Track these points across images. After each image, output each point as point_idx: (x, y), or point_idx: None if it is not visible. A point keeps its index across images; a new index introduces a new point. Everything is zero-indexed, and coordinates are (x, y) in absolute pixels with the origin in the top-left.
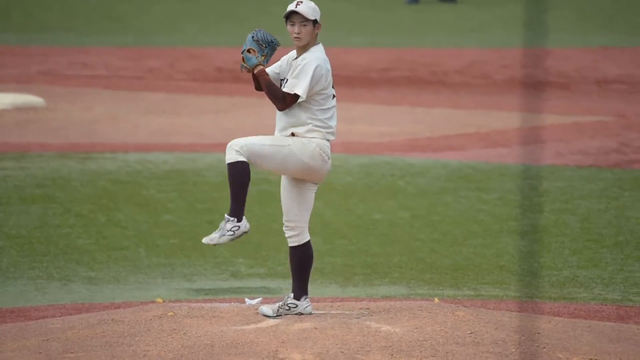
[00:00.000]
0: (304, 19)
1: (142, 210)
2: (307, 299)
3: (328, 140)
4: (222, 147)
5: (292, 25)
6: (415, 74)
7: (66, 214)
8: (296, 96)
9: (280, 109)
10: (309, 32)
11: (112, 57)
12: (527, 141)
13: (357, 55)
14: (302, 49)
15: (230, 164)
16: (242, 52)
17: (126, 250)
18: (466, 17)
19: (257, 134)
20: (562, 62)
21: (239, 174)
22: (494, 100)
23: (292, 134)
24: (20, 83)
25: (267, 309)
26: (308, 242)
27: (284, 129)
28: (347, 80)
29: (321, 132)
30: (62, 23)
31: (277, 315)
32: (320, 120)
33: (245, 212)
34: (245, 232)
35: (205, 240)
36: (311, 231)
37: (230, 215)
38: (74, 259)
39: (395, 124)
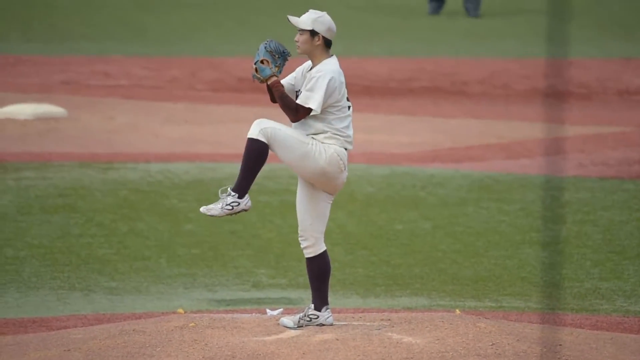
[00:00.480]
0: (301, 28)
1: (164, 220)
2: (328, 310)
3: (346, 149)
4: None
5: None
6: (435, 84)
7: (88, 224)
8: (309, 109)
9: (293, 121)
10: (306, 41)
11: (133, 66)
12: (549, 152)
13: (377, 65)
14: (315, 60)
15: (250, 139)
16: (255, 63)
17: (147, 261)
18: (487, 26)
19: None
20: (583, 72)
21: (255, 152)
22: (515, 111)
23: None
24: (42, 92)
25: (288, 320)
26: (324, 252)
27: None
28: (367, 90)
29: (339, 139)
30: (83, 33)
31: (298, 327)
32: (337, 129)
33: (266, 222)
34: (244, 210)
35: (202, 209)
36: (332, 241)
37: (234, 190)
38: (96, 269)
39: (415, 134)
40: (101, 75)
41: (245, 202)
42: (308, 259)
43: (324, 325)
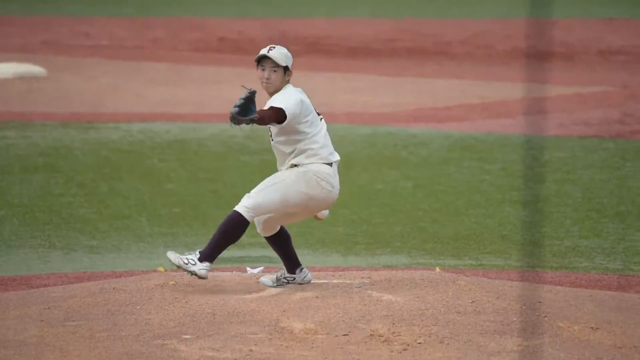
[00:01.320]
0: (275, 65)
1: (145, 180)
2: (303, 270)
3: (330, 163)
4: (224, 117)
5: (263, 70)
6: (418, 44)
7: (68, 183)
8: (280, 110)
9: (280, 122)
10: (279, 78)
11: (115, 27)
12: (530, 112)
13: (360, 26)
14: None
15: (234, 212)
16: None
17: (128, 220)
18: None
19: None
20: (565, 32)
21: (233, 228)
22: (497, 71)
23: (293, 165)
24: (24, 53)
25: (267, 279)
26: (281, 228)
27: (283, 163)
28: (350, 51)
29: (321, 154)
30: None
31: (277, 285)
32: (316, 142)
33: (246, 181)
34: (194, 275)
35: (168, 253)
36: None
37: (200, 256)
38: (76, 228)
39: (398, 94)
40: (83, 36)
41: (200, 270)
42: (266, 237)
43: (303, 283)
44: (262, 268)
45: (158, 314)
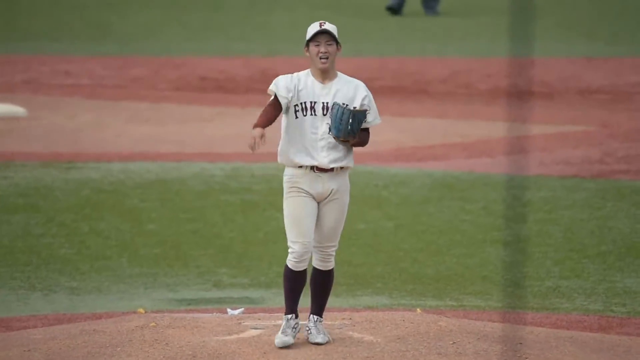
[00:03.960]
0: (330, 39)
1: (125, 220)
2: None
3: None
4: (205, 156)
5: (317, 45)
6: (399, 83)
7: (49, 224)
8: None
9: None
10: (333, 53)
11: (95, 65)
12: (511, 151)
13: (341, 65)
14: (332, 72)
15: (332, 270)
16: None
17: (109, 260)
18: (450, 26)
19: (238, 142)
20: (545, 71)
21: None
22: (477, 110)
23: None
24: (4, 92)
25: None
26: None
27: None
28: None
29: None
30: (45, 32)
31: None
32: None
33: (227, 221)
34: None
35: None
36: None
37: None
38: (57, 269)
39: (379, 133)
40: (63, 75)
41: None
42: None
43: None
44: (242, 309)
45: (138, 356)
